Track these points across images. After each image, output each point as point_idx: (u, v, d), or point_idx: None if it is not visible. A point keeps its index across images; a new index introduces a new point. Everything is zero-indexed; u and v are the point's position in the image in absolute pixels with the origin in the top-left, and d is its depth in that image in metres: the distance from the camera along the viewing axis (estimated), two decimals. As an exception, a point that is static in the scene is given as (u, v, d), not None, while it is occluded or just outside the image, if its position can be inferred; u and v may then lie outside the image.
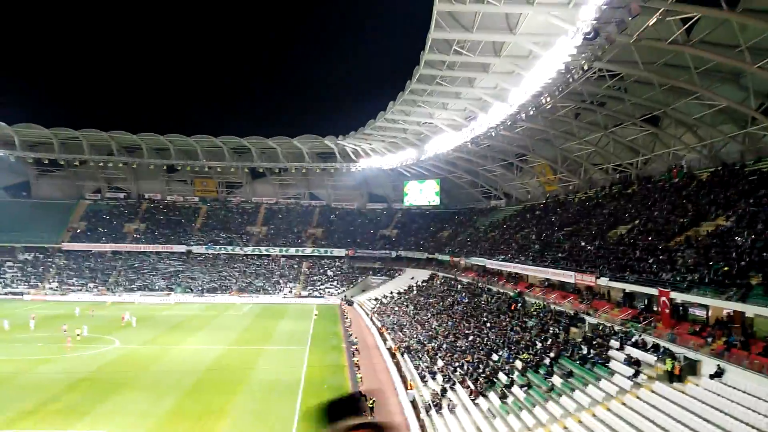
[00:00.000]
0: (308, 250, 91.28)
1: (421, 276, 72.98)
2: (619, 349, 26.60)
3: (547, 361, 29.49)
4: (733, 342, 21.86)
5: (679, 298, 25.90)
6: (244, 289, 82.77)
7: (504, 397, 27.95)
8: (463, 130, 57.09)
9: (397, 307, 61.76)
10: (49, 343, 45.61)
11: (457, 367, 34.85)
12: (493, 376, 31.05)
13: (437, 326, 46.24)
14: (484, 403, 28.57)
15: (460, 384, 32.17)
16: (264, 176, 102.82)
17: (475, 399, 29.35)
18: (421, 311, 54.66)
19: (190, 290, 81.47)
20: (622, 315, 30.66)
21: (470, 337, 39.65)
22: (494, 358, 33.86)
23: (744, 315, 22.70)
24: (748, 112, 34.11)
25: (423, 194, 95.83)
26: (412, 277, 74.24)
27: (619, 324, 29.29)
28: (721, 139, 39.16)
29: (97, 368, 38.30)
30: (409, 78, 49.76)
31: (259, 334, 53.50)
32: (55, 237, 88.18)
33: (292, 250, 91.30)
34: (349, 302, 76.47)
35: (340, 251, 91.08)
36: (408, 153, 76.20)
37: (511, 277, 50.75)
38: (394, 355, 41.93)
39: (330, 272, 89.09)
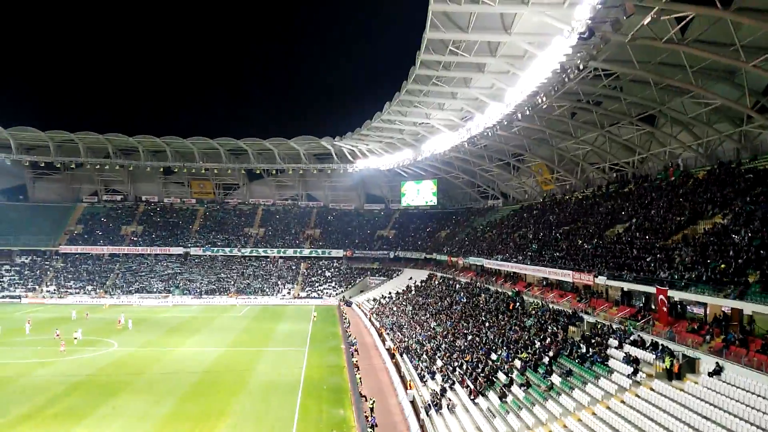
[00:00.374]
0: (306, 251, 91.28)
1: (419, 276, 73.04)
2: (618, 348, 26.66)
3: (546, 360, 29.54)
4: (732, 339, 21.94)
5: (677, 296, 25.98)
6: (243, 290, 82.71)
7: (503, 396, 27.98)
8: (460, 130, 57.15)
9: (395, 307, 61.79)
10: (47, 347, 45.55)
11: (456, 366, 34.88)
12: (493, 376, 31.08)
13: (436, 326, 46.28)
14: (484, 402, 28.61)
15: (459, 384, 32.21)
16: (261, 177, 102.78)
17: (474, 398, 29.39)
18: (420, 311, 54.69)
19: (189, 292, 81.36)
20: (621, 313, 30.73)
21: (469, 337, 39.69)
22: (493, 357, 33.89)
23: (742, 312, 22.78)
24: (744, 111, 34.21)
25: (420, 194, 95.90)
26: (410, 278, 74.29)
27: (618, 322, 29.36)
28: (717, 138, 39.28)
29: (96, 371, 38.26)
30: (405, 78, 49.78)
31: (257, 335, 53.48)
32: (53, 240, 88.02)
33: (290, 252, 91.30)
34: (348, 303, 76.52)
35: (338, 252, 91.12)
36: (405, 153, 76.25)
37: (509, 277, 50.81)
38: (393, 356, 41.96)
39: (328, 273, 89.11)
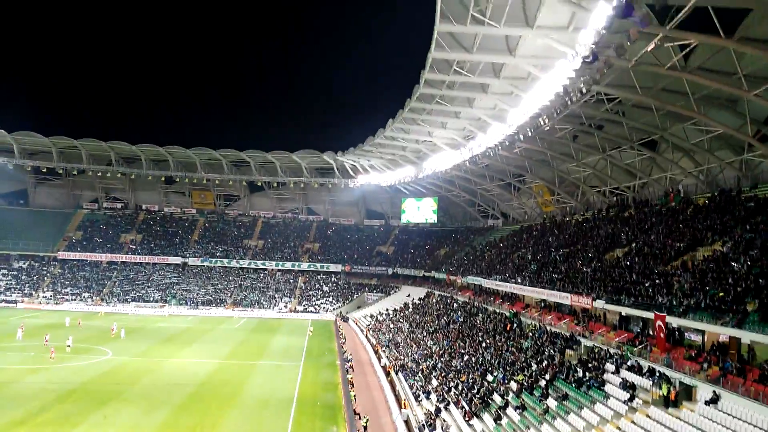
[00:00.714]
0: (304, 265, 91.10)
1: (417, 294, 72.81)
2: (615, 373, 26.50)
3: (543, 383, 29.34)
4: (729, 368, 21.81)
5: (675, 322, 25.88)
6: (239, 302, 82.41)
7: (498, 418, 27.76)
8: (462, 149, 57.36)
9: (392, 324, 61.51)
10: (39, 353, 45.15)
11: (451, 387, 34.65)
12: (488, 397, 30.86)
13: (432, 345, 46.04)
14: (479, 424, 28.37)
15: (454, 404, 31.96)
16: (262, 190, 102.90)
17: (469, 420, 29.15)
18: (417, 329, 54.44)
19: (185, 302, 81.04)
20: (618, 338, 30.58)
21: (465, 357, 39.48)
22: (489, 378, 33.68)
23: (740, 341, 22.68)
24: (745, 139, 34.36)
25: (420, 212, 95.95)
26: (408, 295, 74.07)
27: (615, 347, 29.22)
28: (718, 165, 39.39)
29: (89, 379, 37.96)
30: (409, 96, 50.12)
31: (253, 348, 53.16)
32: (51, 246, 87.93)
33: (288, 265, 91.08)
34: (344, 318, 76.19)
35: (337, 267, 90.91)
36: (406, 170, 76.46)
37: (508, 297, 50.65)
38: (389, 374, 41.67)
39: (326, 288, 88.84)
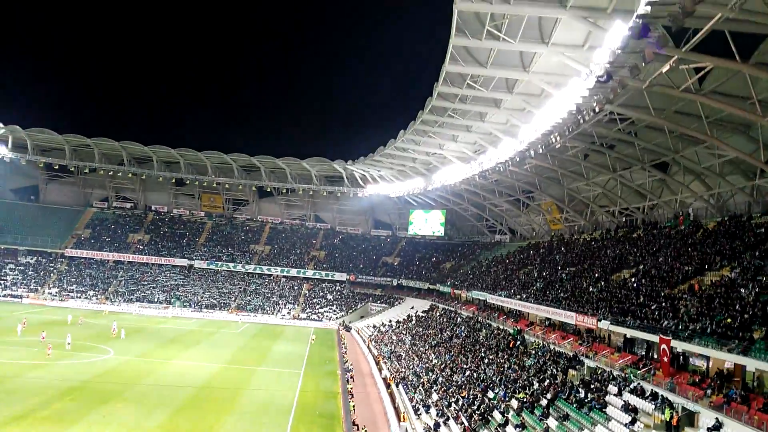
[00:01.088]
0: (310, 272, 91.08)
1: (421, 306, 72.56)
2: (617, 395, 26.21)
3: (544, 403, 29.06)
4: (733, 396, 21.52)
5: (680, 346, 25.58)
6: (243, 307, 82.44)
7: (497, 435, 27.50)
8: (472, 163, 57.34)
9: (395, 336, 61.26)
10: (37, 349, 44.82)
11: (452, 401, 34.39)
12: (488, 414, 30.58)
13: (434, 359, 45.78)
14: (477, 440, 28.10)
15: (453, 419, 31.70)
16: (271, 195, 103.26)
17: (468, 436, 28.89)
18: (419, 342, 54.17)
19: (189, 305, 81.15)
20: (622, 360, 30.27)
21: (467, 372, 39.20)
22: (490, 395, 33.40)
23: (745, 369, 22.39)
24: (757, 165, 34.07)
25: (428, 224, 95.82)
26: (412, 307, 73.81)
27: (619, 369, 28.92)
28: (729, 190, 39.14)
29: (90, 377, 37.98)
30: (421, 108, 50.25)
31: (254, 354, 53.09)
32: (59, 242, 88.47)
33: (294, 271, 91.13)
34: (347, 328, 75.98)
35: (342, 275, 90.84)
36: (415, 182, 76.49)
37: (512, 314, 50.35)
38: (389, 386, 41.45)
39: (330, 296, 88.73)
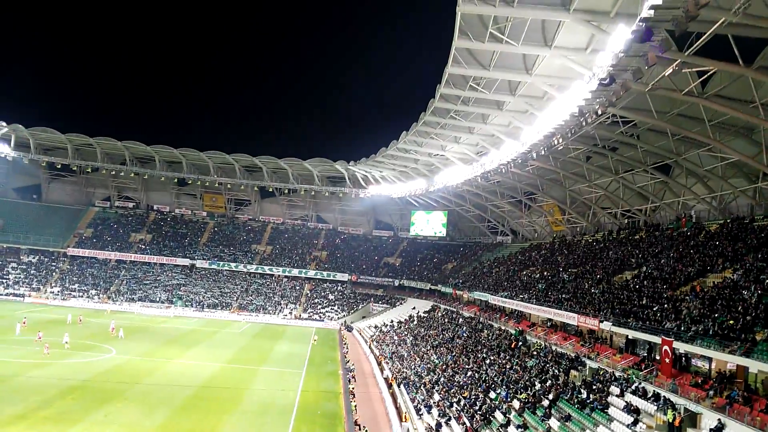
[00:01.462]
0: (311, 273, 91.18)
1: (422, 307, 72.62)
2: (619, 396, 26.27)
3: (546, 403, 29.13)
4: (735, 397, 21.59)
5: (682, 348, 25.65)
6: (245, 307, 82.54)
7: (499, 436, 27.56)
8: (474, 164, 57.45)
9: (396, 336, 61.33)
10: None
11: (453, 402, 34.46)
12: (490, 414, 30.65)
13: (436, 359, 45.84)
14: (479, 441, 28.17)
15: (455, 420, 31.77)
16: (273, 196, 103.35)
17: (469, 436, 28.95)
18: (421, 342, 54.24)
19: (191, 304, 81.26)
20: (624, 361, 30.34)
21: (469, 373, 39.26)
22: (492, 395, 33.46)
23: (747, 370, 22.45)
24: (760, 168, 34.20)
25: (430, 225, 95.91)
26: (413, 307, 73.87)
27: (621, 370, 28.99)
28: (731, 192, 39.22)
29: (91, 376, 38.05)
30: (424, 110, 50.35)
31: (256, 353, 53.17)
32: (61, 241, 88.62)
33: (295, 271, 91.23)
34: (349, 328, 76.06)
35: (343, 276, 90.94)
36: (417, 183, 76.58)
37: (514, 315, 50.41)
38: (391, 386, 41.52)
39: (331, 296, 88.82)
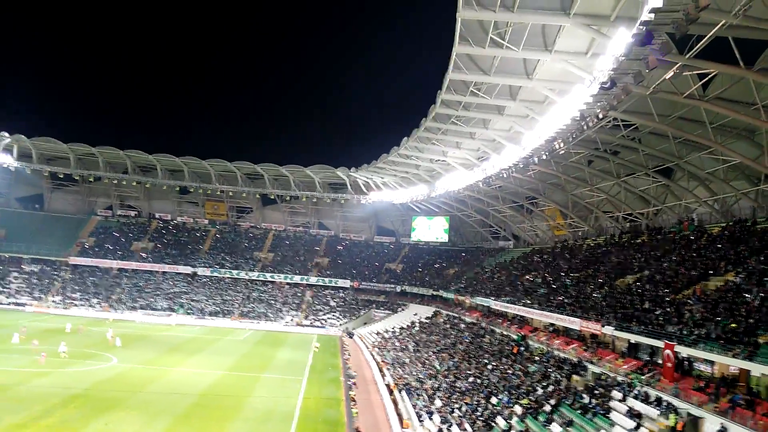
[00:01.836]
0: (313, 279, 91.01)
1: (424, 312, 72.41)
2: (622, 401, 26.09)
3: (548, 408, 28.94)
4: (738, 401, 21.40)
5: (685, 351, 25.48)
6: (246, 314, 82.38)
7: (502, 442, 27.37)
8: (475, 169, 57.41)
9: (398, 342, 61.10)
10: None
11: (455, 408, 34.25)
12: (492, 420, 30.45)
13: (438, 365, 45.64)
14: (481, 447, 27.97)
15: (457, 426, 31.55)
16: (275, 203, 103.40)
17: (472, 442, 28.76)
18: (423, 348, 54.03)
19: (192, 312, 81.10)
20: (627, 366, 30.17)
21: (470, 378, 39.07)
22: (493, 401, 33.27)
23: (749, 373, 22.28)
24: (762, 170, 34.12)
25: (431, 230, 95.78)
26: (415, 313, 73.64)
27: (623, 375, 28.80)
28: (733, 195, 39.10)
29: (92, 385, 37.94)
30: (425, 116, 50.40)
31: (257, 361, 52.98)
32: (63, 250, 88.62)
33: (297, 278, 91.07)
34: (350, 334, 75.81)
35: (345, 282, 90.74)
36: (419, 189, 76.54)
37: (516, 320, 50.23)
38: (392, 392, 41.32)
39: (333, 303, 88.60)
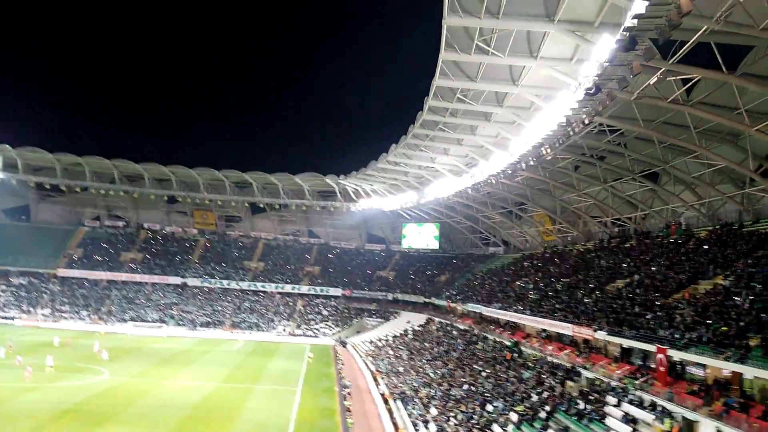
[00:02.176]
0: (304, 288, 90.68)
1: (416, 320, 72.33)
2: (616, 406, 26.19)
3: (543, 415, 28.96)
4: (732, 404, 21.55)
5: (677, 356, 25.63)
6: (238, 324, 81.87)
7: (497, 450, 27.35)
8: (464, 175, 57.61)
9: (391, 350, 60.98)
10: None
11: (450, 416, 34.19)
12: (488, 428, 30.42)
13: (432, 373, 45.59)
14: (477, 455, 27.92)
15: (452, 434, 31.50)
16: (264, 211, 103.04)
17: (467, 450, 28.71)
18: (416, 356, 53.95)
19: (183, 323, 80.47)
20: (620, 370, 30.29)
21: (465, 386, 39.05)
22: (489, 408, 33.25)
23: (742, 376, 22.46)
24: (747, 173, 34.54)
25: (421, 237, 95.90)
26: (407, 321, 73.55)
27: (617, 380, 28.92)
28: (720, 199, 39.53)
29: (84, 399, 37.50)
30: (412, 122, 50.54)
31: (250, 371, 52.64)
32: (51, 262, 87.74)
33: (288, 287, 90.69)
34: (343, 343, 75.59)
35: (336, 291, 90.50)
36: (408, 195, 76.65)
37: (508, 326, 50.31)
38: (387, 401, 41.20)
39: (325, 311, 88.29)
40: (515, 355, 41.68)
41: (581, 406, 27.82)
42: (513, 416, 30.32)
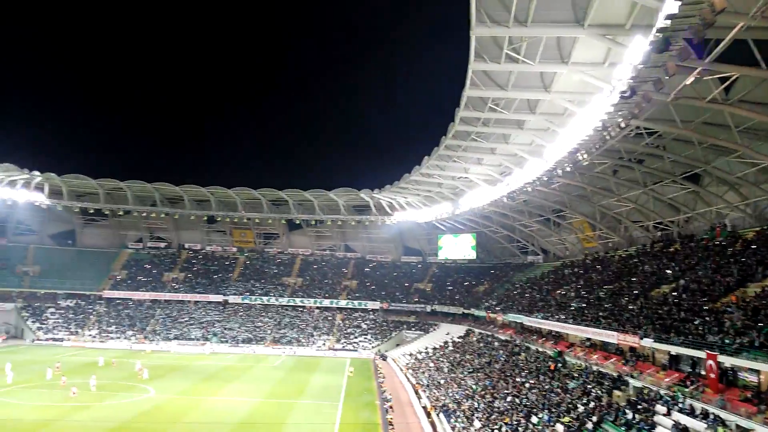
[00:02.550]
0: (342, 302, 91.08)
1: (456, 332, 71.77)
2: (666, 415, 25.44)
3: (590, 426, 28.32)
4: (789, 411, 20.73)
5: (728, 361, 24.80)
6: (278, 340, 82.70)
7: (543, 462, 26.84)
8: (499, 185, 57.15)
9: (432, 363, 60.60)
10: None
11: (494, 429, 33.74)
12: (532, 440, 29.93)
13: (474, 385, 45.11)
14: (523, 468, 27.47)
15: (497, 447, 31.08)
16: (300, 228, 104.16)
17: (513, 463, 28.27)
18: (457, 368, 53.48)
19: (226, 340, 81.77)
20: (668, 378, 29.45)
21: (508, 398, 38.50)
22: (534, 420, 32.69)
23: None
24: (793, 170, 33.37)
25: (458, 248, 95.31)
26: (447, 333, 73.05)
27: (665, 388, 28.11)
28: (765, 198, 38.20)
29: (131, 418, 38.40)
30: (444, 134, 50.54)
31: (292, 387, 53.06)
32: (97, 285, 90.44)
33: (327, 302, 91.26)
34: (383, 357, 75.45)
35: (375, 304, 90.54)
36: (443, 207, 76.42)
37: (551, 336, 49.47)
38: (429, 414, 40.93)
39: (364, 325, 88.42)
40: (559, 365, 40.91)
41: (630, 416, 27.11)
42: (559, 428, 29.75)
